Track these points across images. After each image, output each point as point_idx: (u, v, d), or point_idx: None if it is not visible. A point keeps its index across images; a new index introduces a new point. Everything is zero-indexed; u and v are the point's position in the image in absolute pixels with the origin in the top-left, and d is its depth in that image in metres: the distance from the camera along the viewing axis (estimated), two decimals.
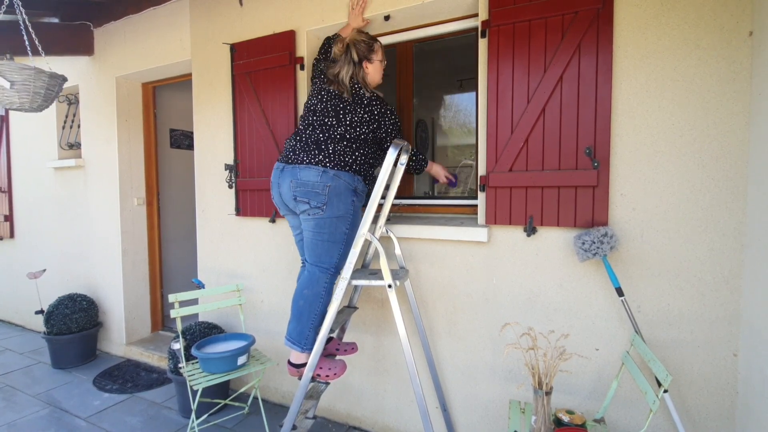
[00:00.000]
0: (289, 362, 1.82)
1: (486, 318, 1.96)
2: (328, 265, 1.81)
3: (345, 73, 1.85)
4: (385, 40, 2.36)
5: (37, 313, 3.50)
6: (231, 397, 2.59)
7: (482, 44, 1.90)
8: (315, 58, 2.16)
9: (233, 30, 2.59)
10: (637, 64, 1.64)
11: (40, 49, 2.35)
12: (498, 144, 1.85)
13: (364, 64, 1.88)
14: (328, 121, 1.82)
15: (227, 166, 2.64)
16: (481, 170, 1.92)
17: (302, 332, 1.77)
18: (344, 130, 1.80)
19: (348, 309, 2.06)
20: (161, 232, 3.66)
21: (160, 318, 3.68)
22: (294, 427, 1.73)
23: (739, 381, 1.55)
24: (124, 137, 3.36)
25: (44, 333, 3.23)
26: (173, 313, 2.16)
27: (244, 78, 2.51)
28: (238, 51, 2.54)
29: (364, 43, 1.88)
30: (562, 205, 1.74)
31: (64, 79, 2.25)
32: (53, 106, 3.63)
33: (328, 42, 2.12)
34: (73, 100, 3.74)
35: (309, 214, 1.76)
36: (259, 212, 2.51)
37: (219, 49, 2.65)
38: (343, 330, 2.12)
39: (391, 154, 1.58)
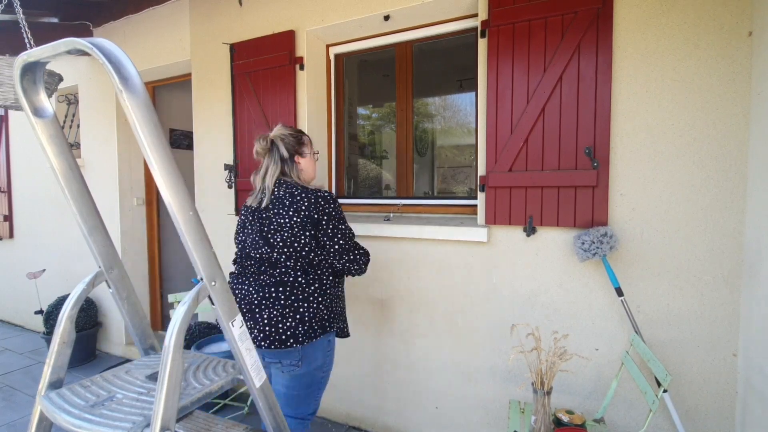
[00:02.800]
0: None
1: (486, 318, 1.96)
2: (307, 414, 1.55)
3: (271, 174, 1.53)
4: (384, 41, 2.36)
5: (36, 313, 3.51)
6: (230, 397, 2.59)
7: (482, 44, 1.90)
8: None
9: (233, 30, 2.59)
10: (636, 64, 1.64)
11: None
12: (498, 144, 1.85)
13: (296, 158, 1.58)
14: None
15: (227, 166, 2.64)
16: (481, 170, 1.92)
17: None
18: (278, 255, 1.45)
19: None
20: (161, 231, 3.66)
21: (160, 318, 3.68)
22: None
23: (739, 381, 1.55)
24: (124, 137, 3.35)
25: (44, 333, 3.24)
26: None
27: (244, 78, 2.51)
28: (237, 51, 2.54)
29: (292, 136, 1.60)
30: (561, 205, 1.74)
31: (60, 78, 2.25)
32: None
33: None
34: (72, 100, 3.73)
35: (282, 371, 1.47)
36: None
37: (219, 48, 2.65)
38: None
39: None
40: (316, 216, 1.44)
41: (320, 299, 1.46)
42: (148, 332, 1.24)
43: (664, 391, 1.33)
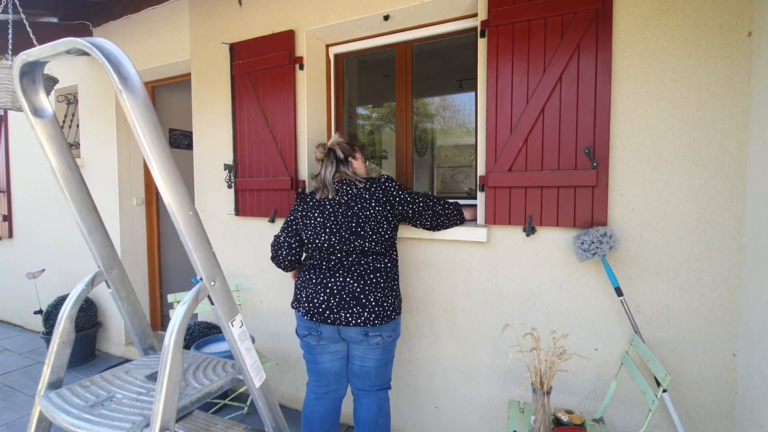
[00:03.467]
0: None
1: (486, 318, 1.96)
2: (389, 381, 1.81)
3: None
4: (384, 40, 2.36)
5: (36, 313, 3.51)
6: (230, 398, 2.59)
7: (481, 44, 1.90)
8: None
9: (233, 30, 2.59)
10: (636, 65, 1.64)
11: None
12: (497, 144, 1.85)
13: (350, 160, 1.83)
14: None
15: (227, 166, 2.64)
16: (481, 170, 1.92)
17: None
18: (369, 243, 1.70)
19: None
20: (160, 232, 3.66)
21: (160, 318, 3.68)
22: None
23: (739, 381, 1.55)
24: (124, 137, 3.35)
25: (43, 333, 3.23)
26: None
27: (244, 78, 2.51)
28: (237, 51, 2.54)
29: (346, 143, 1.86)
30: (561, 205, 1.74)
31: (55, 81, 2.25)
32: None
33: None
34: (72, 100, 3.73)
35: (378, 344, 1.69)
36: (259, 212, 2.51)
37: (218, 48, 2.65)
38: None
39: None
40: (390, 198, 1.72)
41: (397, 276, 1.77)
42: (148, 332, 1.24)
43: (664, 391, 1.33)
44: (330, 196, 1.74)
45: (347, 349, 1.77)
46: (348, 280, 1.66)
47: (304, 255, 1.83)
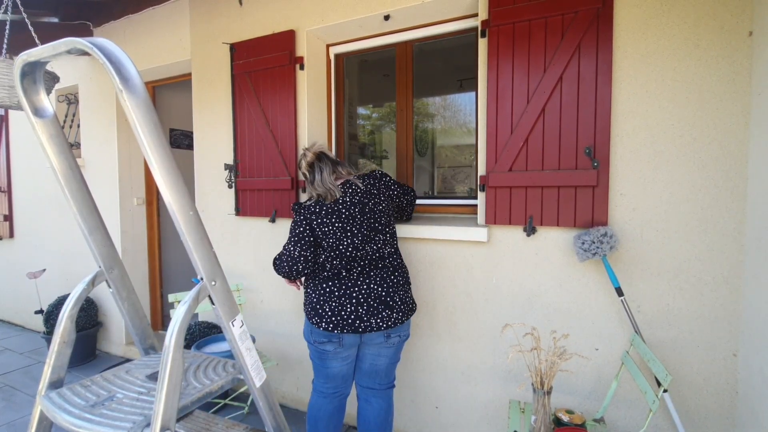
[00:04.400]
0: None
1: (486, 318, 1.96)
2: (395, 379, 1.84)
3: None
4: (384, 40, 2.36)
5: (36, 312, 3.51)
6: (230, 397, 2.59)
7: (482, 44, 1.90)
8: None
9: (233, 30, 2.59)
10: (636, 64, 1.64)
11: None
12: (498, 144, 1.85)
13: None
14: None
15: (227, 166, 2.64)
16: (481, 170, 1.92)
17: None
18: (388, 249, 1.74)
19: None
20: (161, 231, 3.66)
21: (160, 318, 3.68)
22: None
23: (739, 381, 1.55)
24: (124, 137, 3.36)
25: (44, 333, 3.24)
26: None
27: (244, 78, 2.51)
28: (237, 51, 2.54)
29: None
30: (561, 205, 1.74)
31: (56, 78, 2.25)
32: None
33: None
34: (72, 100, 3.73)
35: (395, 342, 1.72)
36: (259, 212, 2.51)
37: (219, 48, 2.65)
38: None
39: None
40: (390, 192, 1.80)
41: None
42: (148, 332, 1.24)
43: (665, 391, 1.33)
44: (339, 199, 1.69)
45: (357, 351, 1.76)
46: (372, 286, 1.65)
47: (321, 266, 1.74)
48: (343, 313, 1.61)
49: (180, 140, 3.95)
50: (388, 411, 1.77)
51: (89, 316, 3.33)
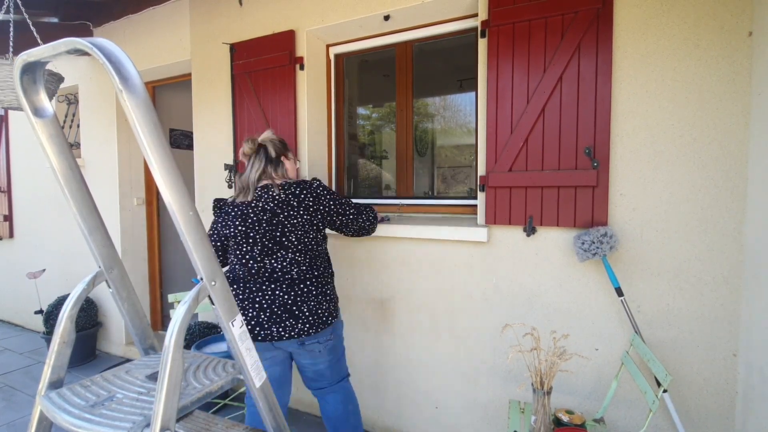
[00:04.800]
0: None
1: (486, 318, 1.96)
2: (347, 372, 1.80)
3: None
4: (384, 41, 2.37)
5: (36, 312, 3.51)
6: (230, 397, 2.59)
7: (482, 44, 1.90)
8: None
9: (233, 30, 2.59)
10: (636, 64, 1.64)
11: None
12: (498, 144, 1.85)
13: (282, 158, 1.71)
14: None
15: (227, 166, 2.64)
16: (481, 170, 1.92)
17: None
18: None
19: None
20: (161, 232, 3.66)
21: (160, 318, 3.68)
22: None
23: (739, 381, 1.55)
24: (124, 137, 3.36)
25: (44, 333, 3.24)
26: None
27: (244, 78, 2.51)
28: (237, 51, 2.54)
29: (279, 141, 1.74)
30: (561, 205, 1.74)
31: (61, 79, 2.25)
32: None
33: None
34: (72, 100, 3.73)
35: (320, 351, 1.64)
36: None
37: (219, 48, 2.65)
38: None
39: None
40: (320, 207, 1.62)
41: (331, 278, 1.70)
42: (148, 332, 1.24)
43: (664, 391, 1.33)
44: (250, 200, 1.60)
45: (285, 355, 1.69)
46: (278, 292, 1.54)
47: (227, 266, 1.68)
48: (244, 317, 1.54)
49: (180, 140, 3.95)
50: (345, 401, 1.74)
51: (89, 316, 3.33)
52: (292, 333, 1.53)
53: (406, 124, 2.42)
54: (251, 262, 1.58)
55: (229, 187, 2.64)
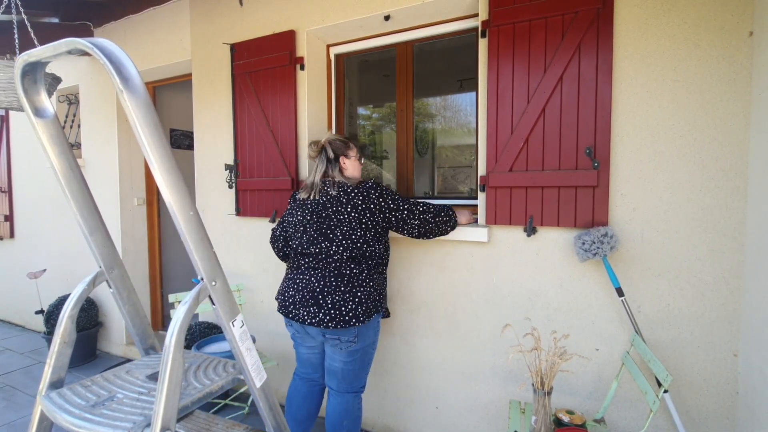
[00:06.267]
0: None
1: (486, 318, 1.96)
2: (359, 387, 1.79)
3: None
4: (384, 41, 2.36)
5: (37, 313, 3.51)
6: (231, 398, 2.59)
7: (482, 44, 1.90)
8: None
9: (233, 30, 2.59)
10: (637, 65, 1.64)
11: None
12: (498, 144, 1.85)
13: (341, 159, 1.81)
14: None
15: (227, 166, 2.64)
16: (481, 170, 1.92)
17: None
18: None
19: None
20: (161, 232, 3.66)
21: (160, 318, 3.68)
22: None
23: (739, 381, 1.55)
24: (125, 137, 3.36)
25: (44, 333, 3.24)
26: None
27: (245, 78, 2.51)
28: (238, 51, 2.54)
29: (339, 141, 1.83)
30: (562, 205, 1.74)
31: (58, 80, 2.25)
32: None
33: None
34: (73, 100, 3.74)
35: (341, 348, 1.69)
36: (259, 212, 2.51)
37: (219, 49, 2.65)
38: None
39: None
40: (371, 206, 1.68)
41: (371, 283, 1.70)
42: (149, 332, 1.24)
43: (665, 391, 1.33)
44: (314, 196, 1.75)
45: (321, 347, 1.80)
46: (312, 279, 1.68)
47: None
48: (285, 294, 1.74)
49: (180, 140, 3.95)
50: (343, 414, 1.74)
51: (90, 317, 3.33)
52: (314, 320, 1.63)
53: (407, 124, 2.42)
54: (299, 248, 1.74)
55: (230, 187, 2.64)
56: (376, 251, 1.72)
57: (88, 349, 3.36)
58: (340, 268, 1.66)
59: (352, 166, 1.84)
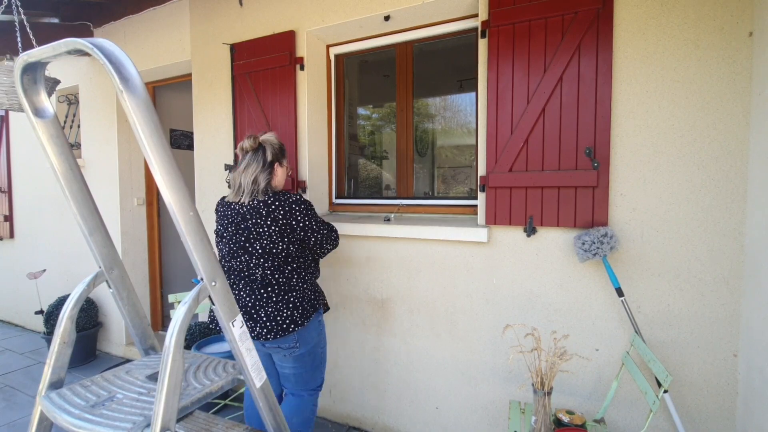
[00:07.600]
0: None
1: (486, 318, 1.96)
2: (316, 386, 1.77)
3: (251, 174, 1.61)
4: (384, 41, 2.37)
5: (37, 313, 3.51)
6: (231, 398, 2.59)
7: (482, 44, 1.90)
8: None
9: (233, 30, 2.60)
10: (636, 65, 1.64)
11: None
12: (498, 144, 1.85)
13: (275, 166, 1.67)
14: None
15: (227, 166, 2.64)
16: (481, 170, 1.92)
17: None
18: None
19: None
20: (161, 232, 3.66)
21: (160, 318, 3.68)
22: None
23: (739, 381, 1.55)
24: (124, 137, 3.36)
25: (44, 333, 3.24)
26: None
27: (244, 78, 2.52)
28: (238, 51, 2.54)
29: (279, 146, 1.70)
30: (562, 205, 1.74)
31: (57, 82, 2.25)
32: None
33: None
34: (73, 101, 3.74)
35: (285, 356, 1.64)
36: None
37: (219, 49, 2.65)
38: None
39: None
40: (293, 223, 1.58)
41: (303, 285, 1.63)
42: (149, 332, 1.24)
43: (665, 391, 1.33)
44: (242, 201, 1.60)
45: (265, 353, 1.73)
46: (241, 293, 1.59)
47: None
48: None
49: (180, 141, 3.95)
50: (297, 409, 1.71)
51: (89, 317, 3.33)
52: (252, 334, 1.55)
53: (407, 124, 2.42)
54: (222, 260, 1.65)
55: (230, 187, 2.63)
56: (300, 259, 1.64)
57: (88, 350, 3.36)
58: (268, 278, 1.57)
59: (281, 176, 1.71)
